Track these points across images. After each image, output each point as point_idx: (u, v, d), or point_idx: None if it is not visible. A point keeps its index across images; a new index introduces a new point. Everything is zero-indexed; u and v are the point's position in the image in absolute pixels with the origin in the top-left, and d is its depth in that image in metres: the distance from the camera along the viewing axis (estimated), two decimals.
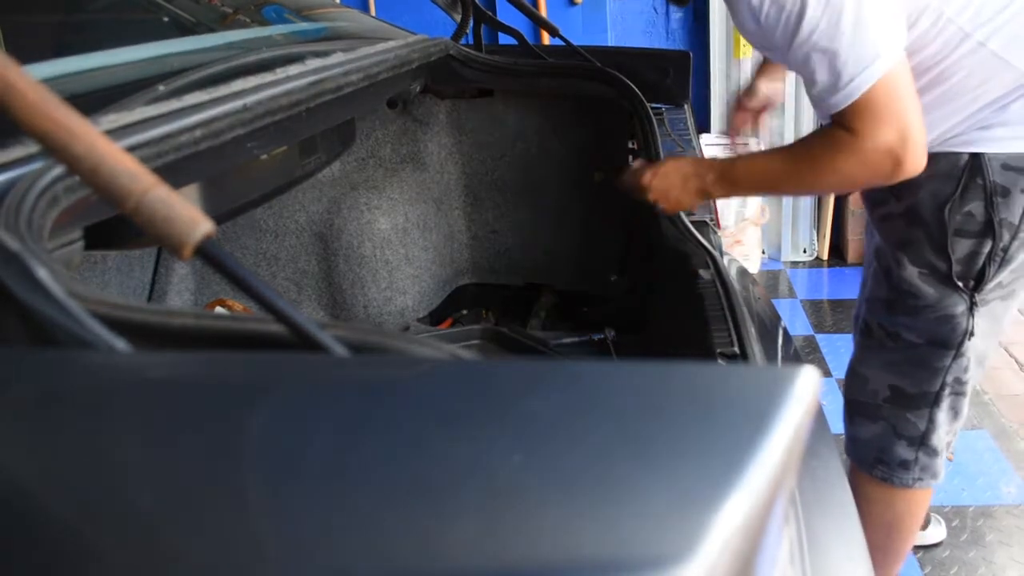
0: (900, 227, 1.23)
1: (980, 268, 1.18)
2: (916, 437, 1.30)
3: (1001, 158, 1.13)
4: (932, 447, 1.31)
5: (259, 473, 0.31)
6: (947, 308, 1.21)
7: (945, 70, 1.12)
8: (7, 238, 0.46)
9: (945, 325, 1.22)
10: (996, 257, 1.17)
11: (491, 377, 0.38)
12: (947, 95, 1.13)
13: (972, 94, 1.12)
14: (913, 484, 1.34)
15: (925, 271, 1.22)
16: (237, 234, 1.59)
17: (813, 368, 0.34)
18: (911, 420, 1.30)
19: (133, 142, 0.66)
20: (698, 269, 1.06)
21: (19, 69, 0.42)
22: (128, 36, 1.07)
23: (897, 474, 1.34)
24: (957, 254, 1.18)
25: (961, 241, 1.17)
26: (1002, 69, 1.10)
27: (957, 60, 1.10)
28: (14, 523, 0.30)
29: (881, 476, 1.35)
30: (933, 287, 1.21)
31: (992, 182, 1.13)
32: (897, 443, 1.32)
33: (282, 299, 0.41)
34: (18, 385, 0.39)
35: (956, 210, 1.16)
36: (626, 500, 0.28)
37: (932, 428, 1.29)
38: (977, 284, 1.19)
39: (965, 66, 1.11)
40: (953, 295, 1.21)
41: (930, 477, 1.34)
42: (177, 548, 0.28)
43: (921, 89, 1.12)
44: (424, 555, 0.26)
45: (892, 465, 1.33)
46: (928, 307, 1.23)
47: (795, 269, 3.42)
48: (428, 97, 1.59)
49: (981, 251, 1.17)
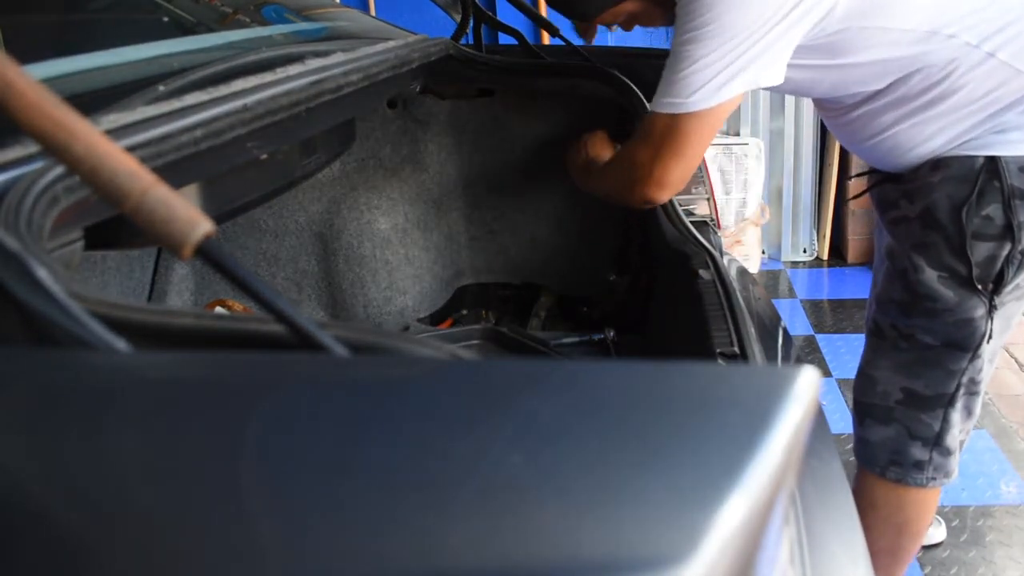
0: (916, 230, 1.21)
1: (999, 271, 1.17)
2: (931, 438, 1.29)
3: (1019, 161, 1.13)
4: (946, 447, 1.30)
5: (259, 473, 0.31)
6: (967, 312, 1.20)
7: (954, 82, 1.11)
8: (7, 238, 0.46)
9: (964, 328, 1.21)
10: (1015, 260, 1.16)
11: (491, 377, 0.38)
12: (957, 104, 1.13)
13: (982, 101, 1.12)
14: (927, 484, 1.33)
15: (945, 275, 1.20)
16: (237, 234, 1.59)
17: (813, 368, 0.34)
18: (925, 421, 1.29)
19: (133, 142, 0.66)
20: (698, 269, 1.06)
21: (19, 69, 0.42)
22: (128, 36, 1.07)
23: (911, 475, 1.33)
24: (976, 257, 1.17)
25: (980, 244, 1.16)
26: (1013, 77, 1.10)
27: (966, 72, 1.10)
28: (14, 523, 0.30)
29: (894, 477, 1.34)
30: (953, 291, 1.20)
31: (1010, 185, 1.13)
32: (912, 444, 1.31)
33: (282, 299, 0.41)
34: (18, 385, 0.39)
35: (973, 213, 1.15)
36: (626, 500, 0.28)
37: (947, 428, 1.29)
38: (996, 287, 1.18)
39: (975, 77, 1.10)
40: (973, 298, 1.19)
41: (943, 476, 1.33)
42: (178, 548, 0.28)
43: (930, 101, 1.13)
44: (424, 555, 0.26)
45: (906, 466, 1.32)
46: (947, 311, 1.21)
47: (795, 269, 3.42)
48: (428, 97, 1.59)
49: (1000, 254, 1.16)
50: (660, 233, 1.24)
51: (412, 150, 1.64)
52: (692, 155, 1.10)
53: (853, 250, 3.33)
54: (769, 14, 1.01)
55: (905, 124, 1.16)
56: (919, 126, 1.16)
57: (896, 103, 1.15)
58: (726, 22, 1.00)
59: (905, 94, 1.14)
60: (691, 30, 1.03)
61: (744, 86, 1.05)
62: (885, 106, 1.16)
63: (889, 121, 1.17)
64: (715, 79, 1.03)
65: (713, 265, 1.06)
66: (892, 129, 1.18)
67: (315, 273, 1.62)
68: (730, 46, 1.01)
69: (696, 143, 1.09)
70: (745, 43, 1.01)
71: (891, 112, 1.17)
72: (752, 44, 1.01)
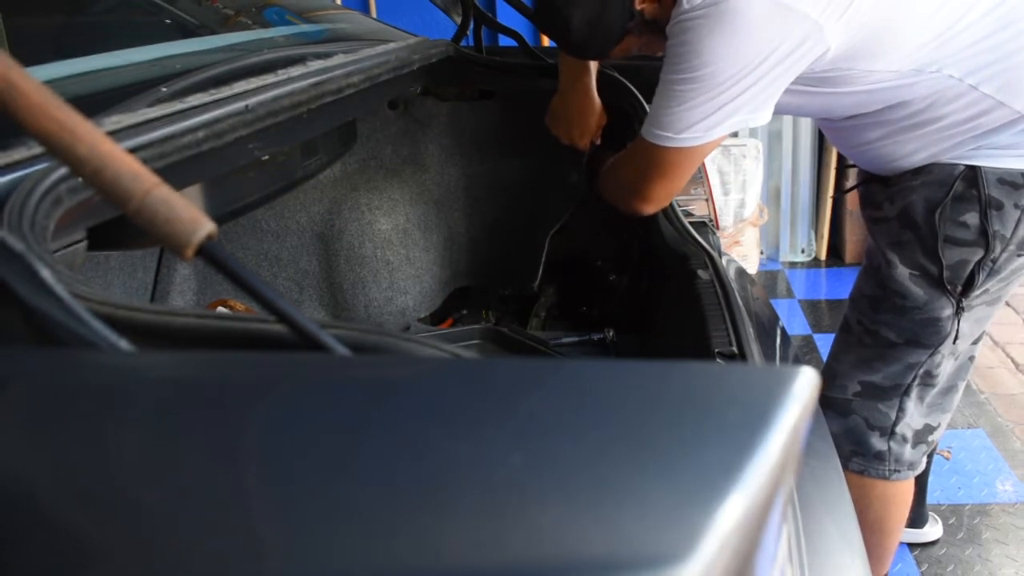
0: (893, 229, 1.25)
1: (969, 275, 1.20)
2: (887, 427, 1.32)
3: (998, 172, 1.14)
4: (901, 435, 1.32)
5: (260, 472, 0.31)
6: (934, 311, 1.23)
7: (937, 111, 1.13)
8: (11, 239, 0.46)
9: (930, 327, 1.24)
10: (986, 267, 1.18)
11: (491, 376, 0.38)
12: (940, 128, 1.15)
13: (965, 127, 1.14)
14: (890, 476, 1.34)
15: (916, 272, 1.23)
16: (239, 234, 1.59)
17: (811, 368, 0.34)
18: (882, 411, 1.31)
19: (136, 143, 0.66)
20: (697, 269, 1.06)
21: (22, 71, 0.42)
22: (131, 38, 1.07)
23: (873, 465, 1.34)
24: (948, 260, 1.19)
25: (953, 248, 1.19)
26: (995, 107, 1.12)
27: (948, 102, 1.12)
28: (18, 521, 0.30)
29: (857, 469, 1.35)
30: (923, 289, 1.23)
31: (988, 195, 1.15)
32: (871, 435, 1.33)
33: (283, 299, 0.41)
34: (21, 385, 0.39)
35: (947, 216, 1.17)
36: (625, 499, 0.28)
37: (901, 416, 1.31)
38: (965, 290, 1.21)
39: (957, 107, 1.12)
40: (942, 298, 1.22)
41: (907, 468, 1.35)
42: (179, 547, 0.28)
43: (914, 125, 1.16)
44: (424, 554, 0.27)
45: (868, 456, 1.34)
46: (915, 308, 1.24)
47: (793, 269, 3.42)
48: (429, 99, 1.59)
49: (972, 259, 1.18)
50: (659, 234, 1.24)
51: (413, 151, 1.64)
52: (679, 179, 1.15)
53: (851, 250, 3.33)
54: (759, 60, 1.02)
55: (889, 141, 1.20)
56: (902, 144, 1.19)
57: (881, 123, 1.19)
58: (717, 70, 1.02)
59: (889, 117, 1.17)
60: (682, 72, 1.05)
61: (734, 127, 1.08)
62: (871, 124, 1.20)
63: (875, 136, 1.21)
64: (706, 120, 1.06)
65: (712, 265, 1.06)
66: (878, 143, 1.21)
67: (316, 273, 1.62)
68: (720, 90, 1.03)
69: (683, 171, 1.14)
70: (735, 88, 1.03)
71: (877, 130, 1.20)
72: (742, 91, 1.03)
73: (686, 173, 1.14)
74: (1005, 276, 1.21)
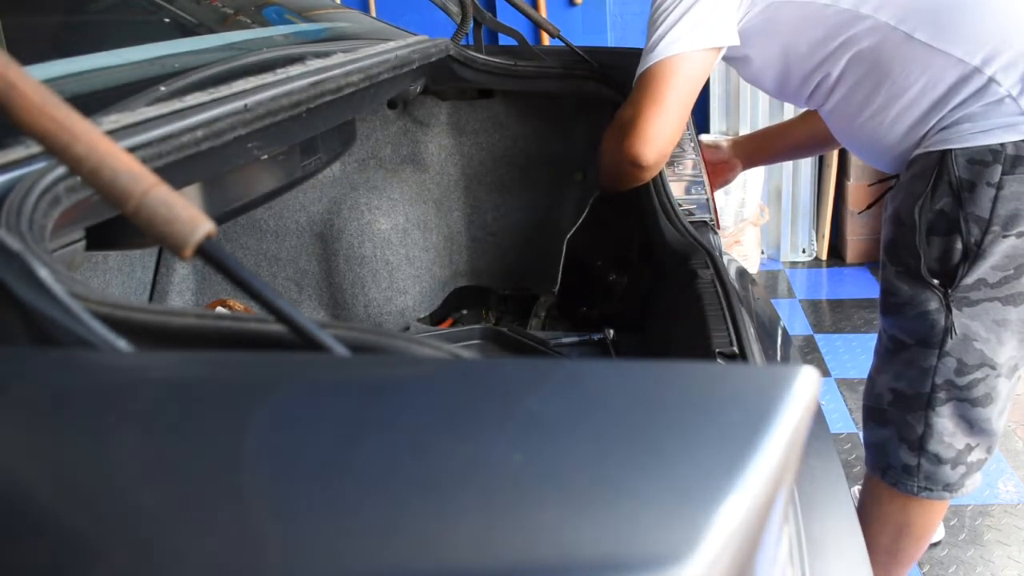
0: (889, 229, 1.27)
1: (955, 265, 1.20)
2: (915, 440, 1.30)
3: (967, 153, 1.15)
4: (933, 454, 1.29)
5: (260, 473, 0.31)
6: (921, 305, 1.23)
7: (882, 64, 1.19)
8: (9, 238, 0.46)
9: (924, 322, 1.24)
10: (970, 252, 1.18)
11: (491, 376, 0.38)
12: (894, 91, 1.20)
13: (917, 88, 1.18)
14: (918, 493, 1.32)
15: (900, 269, 1.25)
16: (238, 234, 1.59)
17: (812, 368, 0.34)
18: (910, 423, 1.30)
19: (134, 142, 0.66)
20: (697, 269, 1.06)
21: (21, 69, 0.42)
22: (129, 37, 1.07)
23: (901, 479, 1.33)
24: (933, 252, 1.20)
25: (935, 239, 1.20)
26: (937, 58, 1.15)
27: (890, 52, 1.18)
28: (16, 523, 0.30)
29: (890, 481, 1.35)
30: (906, 284, 1.24)
31: (958, 177, 1.16)
32: (900, 447, 1.32)
33: (283, 299, 0.41)
34: (20, 385, 0.39)
35: (927, 208, 1.19)
36: (626, 499, 0.28)
37: (930, 433, 1.28)
38: (952, 281, 1.20)
39: (899, 57, 1.17)
40: (925, 291, 1.22)
41: (941, 488, 1.31)
42: (178, 548, 0.28)
43: (871, 87, 1.22)
44: (424, 555, 0.27)
45: (897, 469, 1.33)
46: (906, 304, 1.25)
47: (794, 269, 3.42)
48: (428, 98, 1.59)
49: (954, 247, 1.18)
50: (659, 234, 1.24)
51: (412, 151, 1.64)
52: (670, 104, 1.19)
53: (852, 250, 3.33)
54: None
55: (867, 113, 1.24)
56: (877, 115, 1.23)
57: (849, 93, 1.26)
58: None
59: (852, 86, 1.24)
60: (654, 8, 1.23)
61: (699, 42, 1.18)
62: (844, 97, 1.27)
63: (853, 110, 1.26)
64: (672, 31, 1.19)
65: (712, 265, 1.06)
66: (858, 119, 1.26)
67: (316, 273, 1.62)
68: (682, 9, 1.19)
69: (670, 89, 1.19)
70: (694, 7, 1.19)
71: (850, 103, 1.26)
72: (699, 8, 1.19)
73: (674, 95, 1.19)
74: (1000, 263, 1.17)
